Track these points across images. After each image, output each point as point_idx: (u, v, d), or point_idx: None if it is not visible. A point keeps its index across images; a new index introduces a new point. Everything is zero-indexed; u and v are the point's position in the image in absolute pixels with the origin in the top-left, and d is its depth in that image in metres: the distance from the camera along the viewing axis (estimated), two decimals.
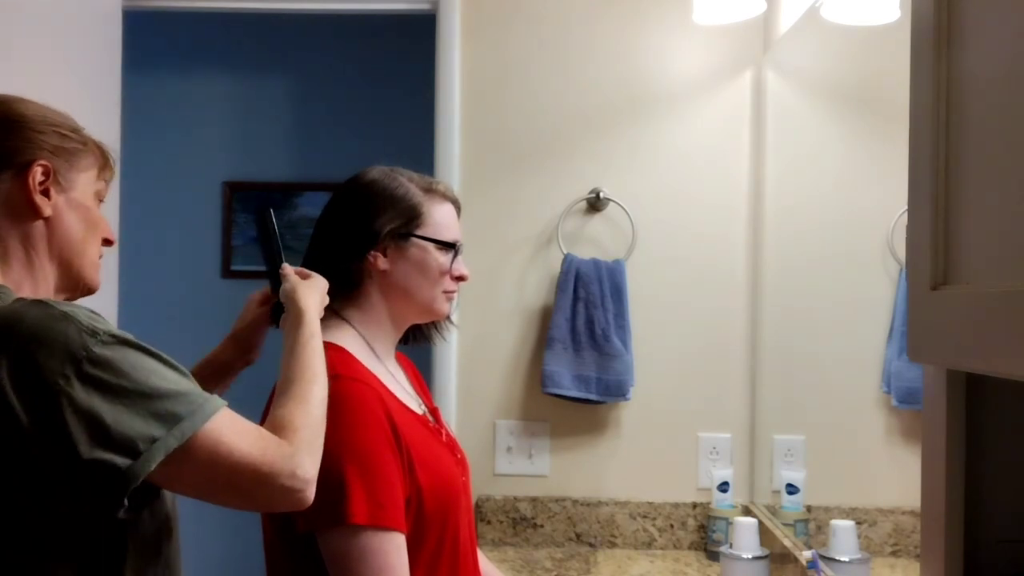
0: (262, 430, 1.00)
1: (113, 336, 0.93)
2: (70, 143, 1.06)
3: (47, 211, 1.03)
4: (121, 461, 0.90)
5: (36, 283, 1.04)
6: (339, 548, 1.14)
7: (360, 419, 1.18)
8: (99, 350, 0.91)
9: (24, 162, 1.02)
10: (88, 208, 1.08)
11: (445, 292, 1.36)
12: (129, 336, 0.96)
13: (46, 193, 1.03)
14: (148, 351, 0.96)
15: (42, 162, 1.03)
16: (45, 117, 1.06)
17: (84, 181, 1.08)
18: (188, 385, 0.97)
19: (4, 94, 1.08)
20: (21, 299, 0.96)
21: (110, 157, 1.13)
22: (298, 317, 1.17)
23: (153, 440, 0.91)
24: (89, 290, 1.10)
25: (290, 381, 1.09)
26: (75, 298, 1.09)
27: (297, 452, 1.00)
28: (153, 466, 0.91)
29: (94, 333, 0.92)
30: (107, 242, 1.13)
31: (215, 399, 0.98)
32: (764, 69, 2.20)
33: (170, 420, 0.92)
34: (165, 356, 0.98)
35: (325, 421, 1.08)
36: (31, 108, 1.06)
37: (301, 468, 0.99)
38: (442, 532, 1.25)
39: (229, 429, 0.97)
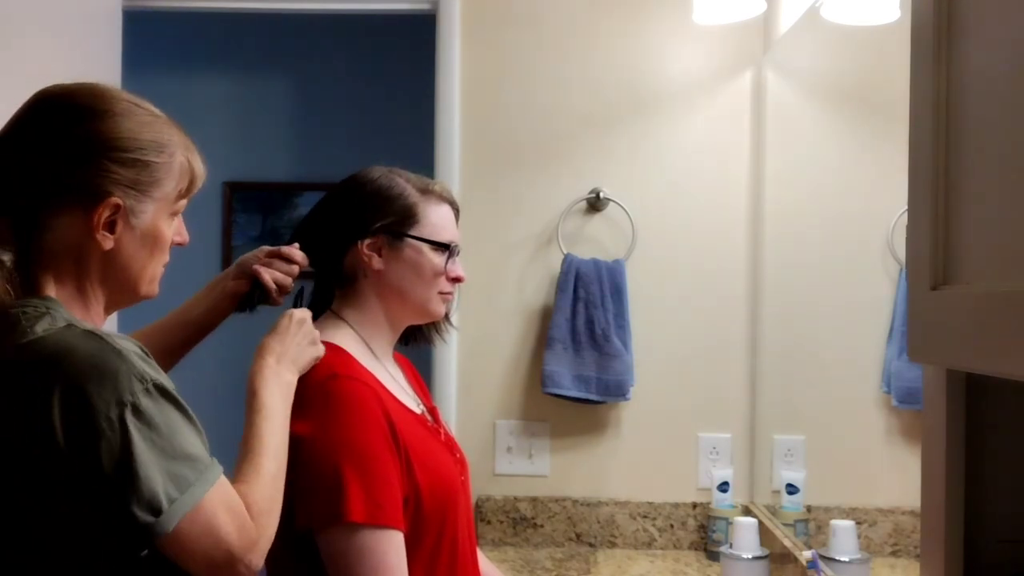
0: (242, 505, 0.99)
1: (158, 387, 0.93)
2: (153, 173, 1.00)
3: (108, 245, 0.99)
4: (145, 518, 0.90)
5: (87, 304, 1.01)
6: (337, 546, 1.14)
7: (358, 418, 1.18)
8: (144, 400, 0.91)
9: (95, 197, 0.97)
10: (156, 234, 1.03)
11: (441, 293, 1.36)
12: (170, 387, 0.95)
13: (111, 226, 0.99)
14: (181, 407, 0.95)
15: (113, 200, 0.97)
16: (135, 139, 0.99)
17: (159, 208, 1.02)
18: (200, 447, 0.96)
19: (107, 98, 1.01)
20: (72, 326, 0.94)
21: (199, 168, 1.07)
22: (266, 365, 1.14)
23: (172, 500, 0.91)
24: (145, 299, 1.08)
25: (254, 443, 1.07)
26: (129, 306, 1.08)
27: (259, 540, 0.99)
28: (173, 526, 0.91)
29: (143, 379, 0.91)
30: (176, 244, 1.09)
31: (215, 466, 0.97)
32: (764, 69, 2.20)
33: (183, 484, 0.92)
34: (191, 413, 0.97)
35: (280, 490, 1.06)
36: (124, 127, 0.99)
37: (256, 558, 0.99)
38: (440, 531, 1.25)
39: (223, 501, 0.96)
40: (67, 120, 0.99)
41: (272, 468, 1.05)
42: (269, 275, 1.29)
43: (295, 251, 1.32)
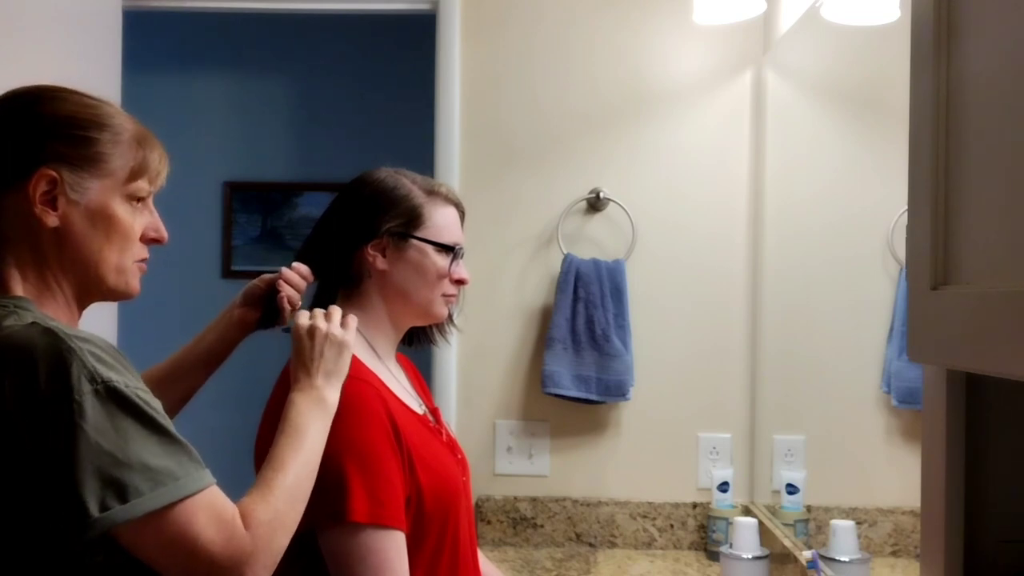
0: (235, 516, 0.97)
1: (110, 389, 0.90)
2: (93, 147, 1.00)
3: (51, 222, 0.99)
4: (74, 517, 0.88)
5: (53, 294, 1.01)
6: (339, 546, 1.14)
7: (361, 417, 1.18)
8: (91, 401, 0.89)
9: (27, 170, 0.98)
10: (109, 215, 1.02)
11: (444, 295, 1.36)
12: (127, 391, 0.92)
13: (52, 203, 0.98)
14: (140, 414, 0.92)
15: (46, 171, 0.98)
16: (69, 115, 1.00)
17: (106, 187, 1.01)
18: (164, 457, 0.93)
19: (51, 88, 1.03)
20: (35, 324, 0.93)
21: (154, 157, 1.07)
22: (299, 389, 1.14)
23: (107, 508, 0.89)
24: (122, 295, 1.06)
25: (269, 460, 1.06)
26: (106, 300, 1.08)
27: (255, 553, 0.96)
28: (98, 533, 0.89)
29: (92, 379, 0.90)
30: (153, 240, 1.08)
31: (200, 477, 0.95)
32: (764, 69, 2.20)
33: (130, 493, 0.89)
34: (157, 421, 0.94)
35: (296, 507, 1.04)
36: (59, 107, 1.01)
37: (252, 570, 0.96)
38: (442, 532, 1.25)
39: (205, 510, 0.94)
40: (12, 106, 1.02)
41: (286, 482, 1.03)
42: (286, 293, 1.30)
43: (301, 267, 1.32)
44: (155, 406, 0.95)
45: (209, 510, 0.94)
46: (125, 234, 1.04)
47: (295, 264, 1.32)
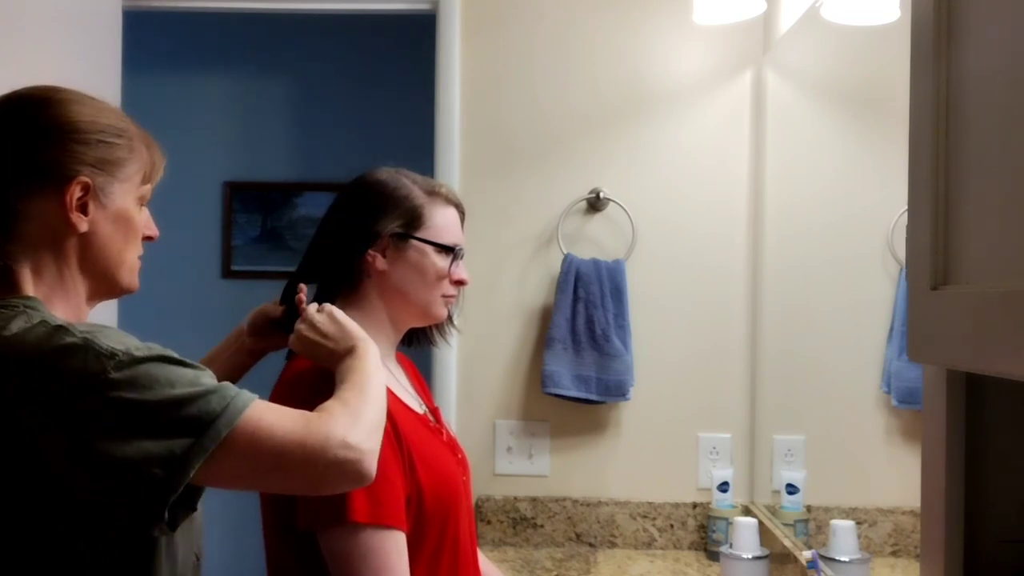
0: (304, 411, 0.99)
1: (132, 358, 0.91)
2: (116, 152, 1.02)
3: (83, 227, 1.00)
4: (157, 474, 0.89)
5: (67, 295, 1.02)
6: (339, 546, 1.14)
7: None
8: (116, 374, 0.90)
9: (64, 177, 0.99)
10: (128, 218, 1.04)
11: (444, 296, 1.36)
12: (148, 352, 0.93)
13: (84, 208, 1.00)
14: (167, 359, 0.94)
15: (82, 178, 0.99)
16: (94, 122, 1.02)
17: (126, 190, 1.04)
18: (213, 384, 0.95)
19: (62, 90, 1.04)
20: (44, 322, 0.93)
21: (158, 158, 1.09)
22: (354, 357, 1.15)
23: (188, 448, 0.90)
24: (127, 292, 1.08)
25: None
26: (112, 298, 1.09)
27: (344, 422, 0.98)
28: (188, 477, 0.90)
29: (112, 355, 0.90)
30: (147, 238, 1.10)
31: (245, 392, 0.97)
32: (764, 69, 2.20)
33: (201, 425, 0.91)
34: (187, 360, 0.96)
35: (379, 407, 1.06)
36: (83, 111, 1.02)
37: (351, 435, 0.97)
38: (442, 531, 1.25)
39: (268, 413, 0.96)
40: (27, 110, 1.02)
41: (362, 383, 1.07)
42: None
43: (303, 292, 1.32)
44: (171, 352, 0.97)
45: (270, 411, 0.96)
46: (137, 235, 1.07)
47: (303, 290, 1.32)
